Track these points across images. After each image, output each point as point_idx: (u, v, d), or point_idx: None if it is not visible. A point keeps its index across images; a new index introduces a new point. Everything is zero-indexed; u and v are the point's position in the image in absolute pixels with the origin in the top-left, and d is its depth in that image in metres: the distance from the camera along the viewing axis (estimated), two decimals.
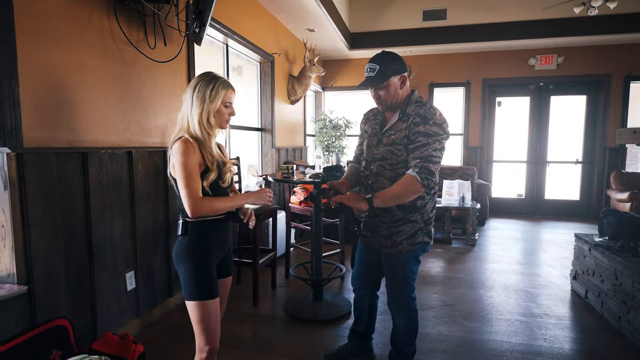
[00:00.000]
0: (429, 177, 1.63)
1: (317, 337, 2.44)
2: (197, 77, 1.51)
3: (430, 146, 1.64)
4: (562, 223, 5.83)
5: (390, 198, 1.67)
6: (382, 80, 1.71)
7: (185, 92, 1.51)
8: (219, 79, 1.50)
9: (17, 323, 1.69)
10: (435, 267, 3.79)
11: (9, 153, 1.63)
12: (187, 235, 1.48)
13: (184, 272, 1.49)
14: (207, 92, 1.47)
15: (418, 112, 1.70)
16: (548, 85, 6.15)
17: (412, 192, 1.65)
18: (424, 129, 1.66)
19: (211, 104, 1.47)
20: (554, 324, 2.60)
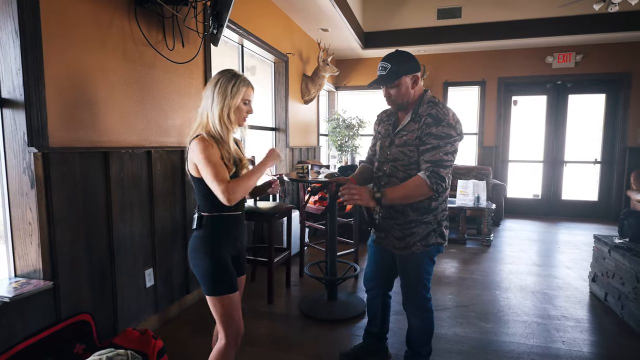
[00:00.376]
0: (438, 182, 1.61)
1: (332, 336, 2.45)
2: (218, 74, 1.53)
3: (441, 149, 1.62)
4: (579, 224, 5.72)
5: (398, 198, 1.66)
6: (394, 79, 1.70)
7: (206, 88, 1.53)
8: (240, 76, 1.53)
9: (43, 317, 1.75)
10: (450, 268, 3.76)
11: (35, 153, 1.68)
12: (202, 229, 1.52)
13: (201, 267, 1.51)
14: (228, 88, 1.49)
15: (430, 112, 1.68)
16: (566, 84, 6.04)
17: (420, 194, 1.64)
18: (436, 131, 1.64)
19: (232, 100, 1.50)
20: (572, 326, 2.56)
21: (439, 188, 1.61)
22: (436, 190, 1.61)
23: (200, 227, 1.53)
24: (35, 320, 1.71)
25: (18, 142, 1.69)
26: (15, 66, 1.64)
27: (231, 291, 1.52)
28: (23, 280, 1.72)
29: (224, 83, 1.49)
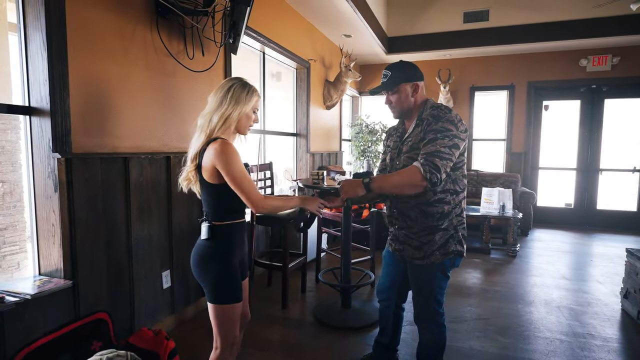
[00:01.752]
0: (433, 172, 1.53)
1: (345, 344, 2.43)
2: (230, 80, 1.55)
3: (438, 141, 1.59)
4: (615, 236, 5.40)
5: (388, 185, 1.65)
6: (392, 86, 1.75)
7: (216, 93, 1.52)
8: (251, 85, 1.56)
9: (62, 314, 1.84)
10: (471, 278, 3.65)
11: (59, 158, 1.78)
12: (214, 240, 1.50)
13: (213, 276, 1.50)
14: (242, 94, 1.51)
15: (432, 113, 1.70)
16: (601, 88, 5.75)
17: (411, 183, 1.58)
18: (435, 126, 1.64)
19: (244, 106, 1.51)
20: (599, 345, 2.42)
21: (432, 177, 1.53)
22: (430, 180, 1.53)
23: (212, 237, 1.50)
24: (55, 317, 1.80)
25: (44, 148, 1.79)
26: (42, 77, 1.75)
27: (237, 301, 1.54)
28: (45, 279, 1.82)
29: (238, 89, 1.51)
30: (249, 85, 1.55)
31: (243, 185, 1.44)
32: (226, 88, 1.51)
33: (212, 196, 1.51)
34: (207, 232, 1.50)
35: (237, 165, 1.43)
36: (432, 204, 1.72)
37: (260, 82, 3.98)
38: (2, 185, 2.11)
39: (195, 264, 1.54)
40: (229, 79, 1.58)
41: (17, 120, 2.11)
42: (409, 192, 1.66)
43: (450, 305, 2.94)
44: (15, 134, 2.23)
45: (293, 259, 3.12)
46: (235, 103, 1.49)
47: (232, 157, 1.42)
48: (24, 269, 2.17)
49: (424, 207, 1.73)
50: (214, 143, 1.44)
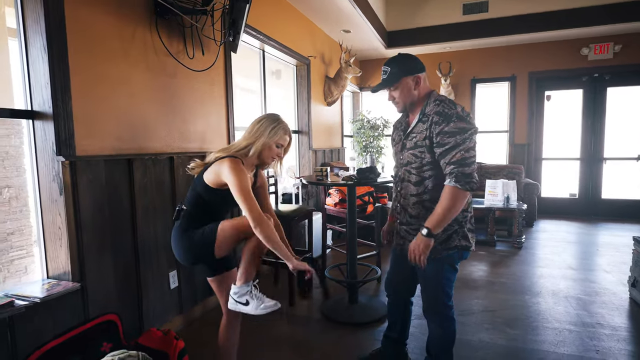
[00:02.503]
0: (468, 181, 1.56)
1: (353, 339, 2.43)
2: (265, 114, 1.76)
3: (460, 147, 1.57)
4: (621, 225, 5.38)
5: (444, 220, 1.60)
6: (393, 81, 1.71)
7: (252, 123, 1.74)
8: (282, 122, 1.74)
9: (72, 316, 1.85)
10: (477, 271, 3.64)
11: (63, 161, 1.78)
12: (179, 220, 1.70)
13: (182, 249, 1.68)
14: (268, 128, 1.69)
15: (437, 110, 1.65)
16: (603, 76, 5.71)
17: (459, 202, 1.59)
18: (448, 128, 1.59)
19: (268, 139, 1.68)
20: (607, 334, 2.42)
21: (472, 186, 1.58)
22: (470, 189, 1.58)
23: (178, 218, 1.71)
24: (64, 319, 1.81)
25: (48, 152, 1.79)
26: (44, 80, 1.75)
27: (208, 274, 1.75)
28: (54, 282, 1.83)
29: (265, 123, 1.71)
30: (279, 122, 1.72)
31: (245, 201, 1.54)
32: (257, 120, 1.73)
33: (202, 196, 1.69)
34: (176, 214, 1.72)
35: (244, 181, 1.56)
36: (436, 200, 1.70)
37: (260, 80, 3.97)
38: (7, 190, 2.12)
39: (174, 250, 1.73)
40: (267, 114, 1.77)
41: (20, 125, 2.11)
42: (460, 208, 1.63)
43: (457, 298, 2.93)
44: (18, 139, 2.23)
45: (299, 255, 3.11)
46: (260, 135, 1.69)
47: (240, 174, 1.56)
48: (32, 273, 2.18)
49: (427, 204, 1.72)
50: (227, 159, 1.60)
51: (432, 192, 1.71)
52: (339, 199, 3.53)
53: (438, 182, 1.69)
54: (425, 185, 1.72)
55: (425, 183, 1.71)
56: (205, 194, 1.67)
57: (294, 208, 3.16)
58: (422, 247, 1.63)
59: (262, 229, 1.53)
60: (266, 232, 1.53)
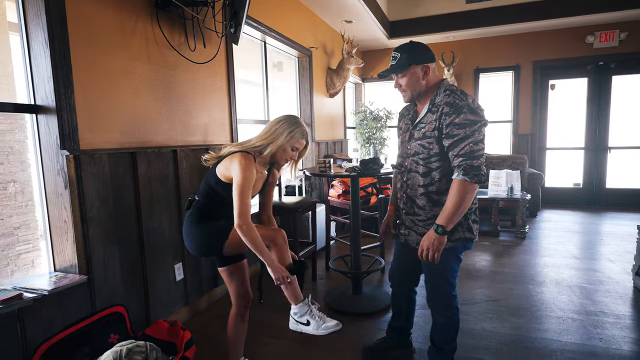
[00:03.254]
0: (477, 174, 1.55)
1: (358, 329, 2.45)
2: (285, 116, 1.76)
3: (469, 139, 1.56)
4: (626, 214, 5.36)
5: (455, 215, 1.59)
6: (402, 68, 1.68)
7: (270, 122, 1.75)
8: (301, 126, 1.74)
9: (79, 308, 1.87)
10: (481, 261, 3.65)
11: (67, 155, 1.79)
12: (191, 209, 1.73)
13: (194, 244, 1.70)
14: (285, 131, 1.70)
15: (447, 101, 1.62)
16: (609, 64, 5.63)
17: (469, 195, 1.58)
18: (458, 120, 1.57)
19: (284, 140, 1.69)
20: (611, 323, 2.42)
21: (480, 178, 1.57)
22: (478, 182, 1.57)
23: (189, 208, 1.74)
24: (72, 311, 1.83)
25: (52, 146, 1.80)
26: (46, 74, 1.75)
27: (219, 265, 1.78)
28: (61, 275, 1.85)
29: (284, 125, 1.71)
30: (298, 126, 1.72)
31: (239, 199, 1.55)
32: (276, 121, 1.73)
33: (215, 190, 1.70)
34: (187, 204, 1.75)
35: (245, 181, 1.57)
36: (442, 192, 1.71)
37: (262, 73, 3.96)
38: (13, 185, 2.14)
39: (185, 240, 1.75)
40: (287, 115, 1.77)
41: (24, 119, 2.12)
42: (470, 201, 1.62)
43: (460, 288, 2.94)
44: (22, 134, 2.24)
45: (303, 247, 3.14)
46: (277, 136, 1.69)
47: (245, 174, 1.57)
48: (39, 266, 2.20)
49: (434, 196, 1.72)
50: (239, 154, 1.62)
51: (438, 184, 1.70)
52: (342, 191, 3.53)
53: (445, 174, 1.69)
54: (433, 176, 1.71)
55: (433, 174, 1.70)
56: (217, 187, 1.69)
57: (297, 200, 3.17)
58: (436, 245, 1.61)
59: (247, 230, 1.53)
60: (250, 235, 1.53)
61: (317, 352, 2.21)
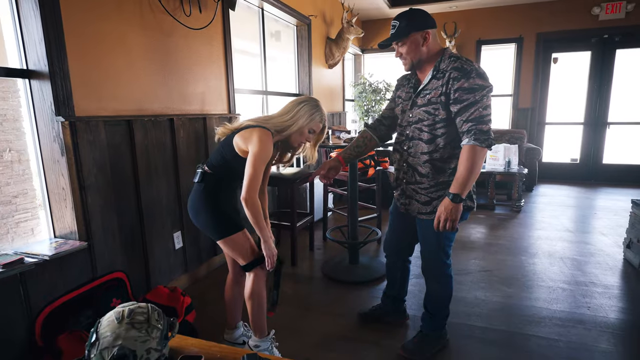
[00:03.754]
0: (486, 138, 1.55)
1: (354, 297, 2.52)
2: (306, 97, 1.75)
3: (479, 104, 1.55)
4: (621, 189, 5.41)
5: (467, 181, 1.58)
6: (401, 36, 1.65)
7: (291, 102, 1.74)
8: (321, 110, 1.74)
9: (80, 274, 1.90)
10: (476, 233, 3.71)
11: (63, 122, 1.77)
12: (203, 183, 1.69)
13: (206, 217, 1.68)
14: (308, 112, 1.69)
15: (454, 66, 1.60)
16: (613, 37, 5.53)
17: (480, 159, 1.57)
18: (468, 85, 1.55)
19: (304, 122, 1.69)
20: (600, 292, 2.49)
21: (490, 143, 1.56)
22: (488, 146, 1.57)
23: (202, 180, 1.70)
24: (73, 276, 1.86)
25: (46, 112, 1.78)
26: (37, 37, 1.70)
27: (237, 229, 1.70)
28: (61, 241, 1.87)
29: (307, 107, 1.70)
30: (318, 110, 1.72)
31: (252, 173, 1.55)
32: (299, 101, 1.72)
33: (230, 162, 1.68)
34: (199, 177, 1.71)
35: (261, 157, 1.57)
36: (446, 160, 1.71)
37: (260, 42, 3.86)
38: (9, 152, 2.12)
39: (190, 210, 1.74)
40: (308, 97, 1.77)
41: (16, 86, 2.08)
42: (482, 164, 1.62)
43: (455, 258, 3.00)
44: (15, 100, 2.20)
45: (300, 218, 3.17)
46: (298, 118, 1.69)
47: (263, 150, 1.57)
48: (38, 234, 2.22)
49: (438, 163, 1.72)
50: (259, 130, 1.60)
51: (442, 150, 1.70)
52: None
53: (449, 141, 1.68)
54: (437, 143, 1.70)
55: (437, 141, 1.70)
56: (233, 161, 1.67)
57: (295, 171, 3.17)
58: (453, 213, 1.60)
59: (252, 204, 1.57)
60: (254, 209, 1.57)
61: (313, 318, 2.27)
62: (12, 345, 1.62)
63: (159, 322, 1.12)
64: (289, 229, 2.97)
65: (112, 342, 1.02)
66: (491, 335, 2.07)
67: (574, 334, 2.06)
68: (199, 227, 1.75)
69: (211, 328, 2.12)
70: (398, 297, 2.18)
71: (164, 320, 1.15)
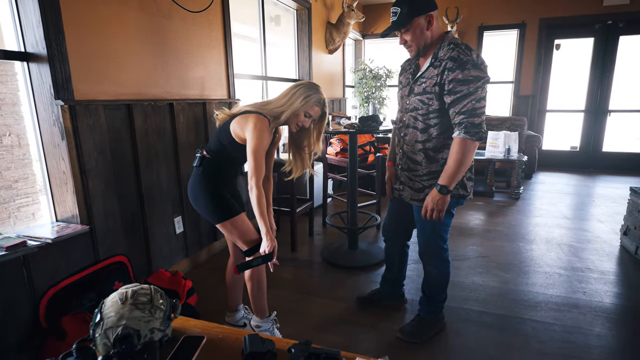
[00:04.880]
0: (477, 132, 1.54)
1: (353, 281, 2.55)
2: (305, 81, 1.72)
3: (472, 96, 1.53)
4: (620, 177, 5.42)
5: (455, 173, 1.59)
6: (404, 23, 1.60)
7: (290, 86, 1.71)
8: (319, 93, 1.69)
9: (82, 257, 1.92)
10: (474, 220, 3.73)
11: (62, 105, 1.76)
12: (202, 167, 1.71)
13: (205, 201, 1.69)
14: (301, 97, 1.66)
15: (451, 55, 1.57)
16: (617, 24, 5.46)
17: (470, 153, 1.58)
18: (462, 76, 1.53)
19: (298, 108, 1.66)
20: (595, 278, 2.53)
21: (481, 136, 1.56)
22: (479, 139, 1.57)
23: (200, 164, 1.71)
24: (76, 259, 1.88)
25: (45, 96, 1.77)
26: (35, 18, 1.68)
27: (236, 213, 1.71)
28: (63, 225, 1.88)
29: (301, 90, 1.67)
30: (315, 93, 1.68)
31: (253, 162, 1.56)
32: (294, 85, 1.70)
33: (227, 148, 1.69)
34: (198, 161, 1.72)
35: (259, 144, 1.56)
36: (439, 149, 1.71)
37: (259, 27, 3.81)
38: (9, 136, 2.12)
39: (189, 194, 1.75)
40: (307, 81, 1.73)
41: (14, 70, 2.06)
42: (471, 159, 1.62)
43: (453, 244, 3.03)
44: (13, 84, 2.19)
45: (300, 204, 3.19)
46: (293, 101, 1.66)
47: (259, 137, 1.56)
48: (39, 219, 2.23)
49: (431, 153, 1.73)
50: (255, 116, 1.59)
51: (436, 140, 1.70)
52: (340, 149, 3.53)
53: (442, 131, 1.68)
54: (430, 133, 1.70)
55: (430, 131, 1.70)
56: (230, 147, 1.68)
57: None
58: (440, 204, 1.63)
59: (257, 192, 1.56)
60: (258, 198, 1.56)
61: (313, 301, 2.31)
62: (18, 327, 1.65)
63: (162, 303, 1.13)
64: (289, 214, 2.99)
65: (116, 322, 1.04)
66: (488, 319, 2.10)
67: (570, 317, 2.09)
68: (198, 210, 1.75)
69: (212, 311, 2.15)
70: (396, 281, 2.20)
71: (167, 301, 1.17)
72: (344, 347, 1.07)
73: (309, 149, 1.82)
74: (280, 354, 1.02)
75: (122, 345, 0.97)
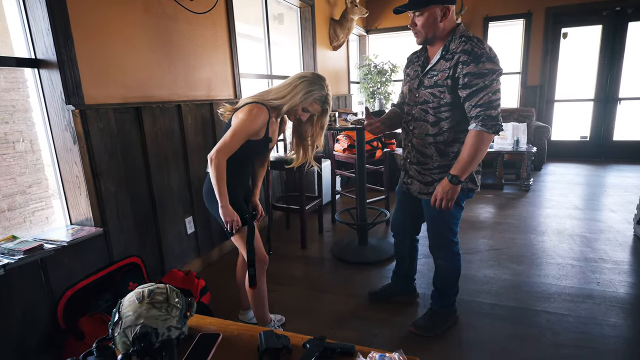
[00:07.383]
0: (494, 124, 1.54)
1: (363, 277, 2.56)
2: (310, 73, 1.67)
3: (488, 89, 1.52)
4: (632, 166, 5.34)
5: (469, 165, 1.59)
6: (421, 4, 1.56)
7: (293, 76, 1.67)
8: (322, 90, 1.65)
9: (97, 259, 1.95)
10: (485, 213, 3.71)
11: (73, 110, 1.79)
12: None
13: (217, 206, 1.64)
14: (302, 91, 1.62)
15: (464, 48, 1.55)
16: (626, 10, 5.36)
17: (485, 146, 1.57)
18: (477, 69, 1.51)
19: (298, 102, 1.63)
20: (609, 268, 2.50)
21: (498, 129, 1.55)
22: (495, 132, 1.56)
23: None
24: (91, 261, 1.91)
25: (57, 101, 1.80)
26: (44, 26, 1.71)
27: (245, 223, 1.69)
28: (77, 227, 1.92)
29: (303, 84, 1.63)
30: (318, 89, 1.63)
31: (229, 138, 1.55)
32: (299, 76, 1.65)
33: None
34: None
35: (244, 127, 1.56)
36: (450, 143, 1.70)
37: (263, 26, 3.82)
38: (22, 142, 2.16)
39: (205, 199, 1.75)
40: (313, 73, 1.68)
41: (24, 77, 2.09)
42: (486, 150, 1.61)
43: (464, 238, 3.02)
44: (24, 91, 2.22)
45: (309, 201, 3.20)
46: (294, 94, 1.62)
47: (250, 121, 1.56)
48: (53, 223, 2.27)
49: (442, 146, 1.72)
50: (254, 105, 1.58)
51: (447, 134, 1.69)
52: (348, 145, 3.53)
53: (454, 125, 1.67)
54: (441, 126, 1.69)
55: (441, 124, 1.69)
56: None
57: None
58: (450, 194, 1.63)
59: (217, 164, 1.53)
60: (218, 170, 1.54)
61: (324, 298, 2.32)
62: (37, 328, 1.69)
63: (178, 301, 1.15)
64: (298, 212, 3.00)
65: (134, 321, 1.06)
66: (500, 311, 2.10)
67: (584, 308, 2.08)
68: (215, 215, 1.72)
69: (225, 310, 2.17)
70: (408, 276, 2.21)
71: (183, 299, 1.19)
72: (357, 342, 1.08)
73: (312, 140, 1.80)
74: (295, 350, 1.04)
75: (141, 344, 0.99)
